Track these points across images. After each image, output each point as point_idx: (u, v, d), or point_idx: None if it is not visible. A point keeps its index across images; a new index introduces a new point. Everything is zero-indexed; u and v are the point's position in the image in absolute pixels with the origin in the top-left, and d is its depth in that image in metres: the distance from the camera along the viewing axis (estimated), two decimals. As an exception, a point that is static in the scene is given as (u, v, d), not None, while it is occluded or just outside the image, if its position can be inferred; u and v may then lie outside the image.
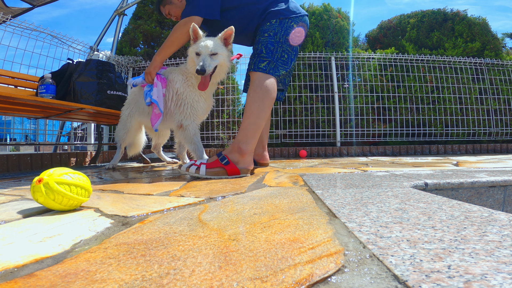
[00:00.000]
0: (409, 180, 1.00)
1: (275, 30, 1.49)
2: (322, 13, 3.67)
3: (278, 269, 0.35)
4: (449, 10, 3.96)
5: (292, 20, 1.52)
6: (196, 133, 1.63)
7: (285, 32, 1.50)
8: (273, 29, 1.50)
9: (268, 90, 1.43)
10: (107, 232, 0.53)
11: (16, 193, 1.00)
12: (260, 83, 1.44)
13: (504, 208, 1.03)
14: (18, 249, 0.44)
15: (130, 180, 1.31)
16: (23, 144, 2.59)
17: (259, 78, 1.45)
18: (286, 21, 1.51)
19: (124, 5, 3.53)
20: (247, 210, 0.66)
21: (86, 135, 3.17)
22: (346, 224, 0.52)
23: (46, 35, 2.61)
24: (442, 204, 0.64)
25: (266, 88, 1.43)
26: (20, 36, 2.45)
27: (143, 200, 0.81)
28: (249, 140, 1.38)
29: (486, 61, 3.57)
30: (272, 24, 1.51)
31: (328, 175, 1.25)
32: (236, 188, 0.98)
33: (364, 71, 3.49)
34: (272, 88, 1.45)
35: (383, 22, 4.34)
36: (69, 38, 2.83)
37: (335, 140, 3.31)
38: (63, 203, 0.67)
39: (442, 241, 0.41)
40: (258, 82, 1.44)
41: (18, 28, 2.41)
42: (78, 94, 2.13)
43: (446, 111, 3.49)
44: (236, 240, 0.46)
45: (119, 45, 3.75)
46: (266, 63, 1.46)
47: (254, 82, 1.46)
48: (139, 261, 0.39)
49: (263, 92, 1.42)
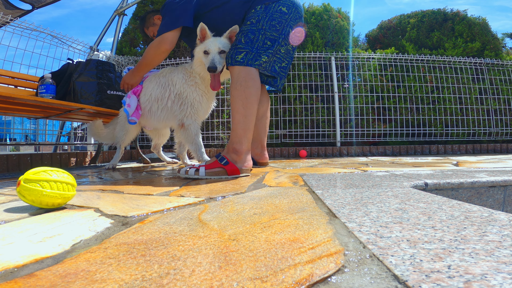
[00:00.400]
0: (409, 180, 1.00)
1: (259, 17, 1.41)
2: (322, 13, 3.67)
3: (278, 269, 0.35)
4: (449, 10, 3.97)
5: (279, 4, 1.42)
6: (198, 133, 1.63)
7: (270, 18, 1.40)
8: (256, 16, 1.41)
9: (249, 85, 1.35)
10: (107, 232, 0.53)
11: (16, 193, 1.00)
12: (239, 78, 1.36)
13: (504, 208, 1.03)
14: (18, 249, 0.44)
15: (130, 180, 1.31)
16: (23, 144, 2.59)
17: (238, 72, 1.37)
18: (272, 5, 1.42)
19: (124, 5, 3.53)
20: (247, 210, 0.66)
21: (86, 135, 3.17)
22: (346, 224, 0.52)
23: (46, 35, 2.61)
24: (442, 204, 0.64)
25: (246, 83, 1.35)
26: (20, 36, 2.45)
27: (143, 200, 0.81)
28: (241, 140, 1.36)
29: (486, 61, 3.57)
30: (256, 10, 1.43)
31: (328, 175, 1.24)
32: (236, 188, 0.98)
33: (364, 71, 3.49)
34: (253, 81, 1.37)
35: (383, 22, 4.34)
36: (69, 38, 2.83)
37: (335, 140, 3.31)
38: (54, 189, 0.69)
39: (442, 241, 0.41)
40: (237, 77, 1.37)
41: (18, 28, 2.41)
42: (78, 94, 2.13)
43: (446, 111, 3.49)
44: (236, 240, 0.46)
45: (119, 45, 3.75)
46: (243, 54, 1.37)
47: (233, 78, 1.39)
48: (139, 261, 0.39)
49: (243, 88, 1.35)
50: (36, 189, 0.66)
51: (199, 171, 1.27)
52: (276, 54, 1.44)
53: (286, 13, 1.43)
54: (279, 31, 1.42)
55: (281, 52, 1.46)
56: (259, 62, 1.38)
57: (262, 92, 1.79)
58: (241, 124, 1.37)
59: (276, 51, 1.44)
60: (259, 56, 1.38)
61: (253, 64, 1.37)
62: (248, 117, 1.37)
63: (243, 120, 1.36)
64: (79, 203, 0.78)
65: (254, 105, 1.38)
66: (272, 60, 1.44)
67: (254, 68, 1.38)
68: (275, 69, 1.46)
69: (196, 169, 1.28)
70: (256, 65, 1.38)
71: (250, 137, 1.40)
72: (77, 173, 1.67)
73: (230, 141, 1.38)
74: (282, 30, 1.43)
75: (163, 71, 1.77)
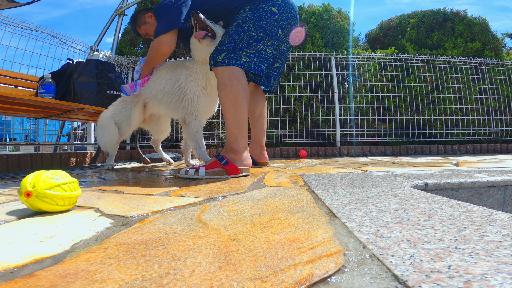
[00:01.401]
0: (409, 180, 1.00)
1: (246, 18, 1.40)
2: (322, 13, 3.67)
3: (278, 269, 0.35)
4: (449, 10, 3.97)
5: (269, 4, 1.41)
6: (198, 131, 1.61)
7: (258, 18, 1.39)
8: (244, 17, 1.41)
9: (234, 85, 1.35)
10: (107, 232, 0.53)
11: (16, 193, 1.00)
12: (224, 78, 1.36)
13: (504, 208, 1.03)
14: (18, 249, 0.44)
15: (130, 180, 1.31)
16: (23, 144, 2.59)
17: (222, 73, 1.37)
18: (262, 6, 1.40)
19: (124, 5, 3.53)
20: (247, 210, 0.66)
21: (86, 135, 3.17)
22: (346, 224, 0.52)
23: (46, 35, 2.61)
24: (442, 204, 0.64)
25: (231, 83, 1.35)
26: (20, 36, 2.45)
27: (143, 200, 0.81)
28: (237, 138, 1.36)
29: (486, 61, 3.57)
30: (245, 11, 1.42)
31: (328, 175, 1.24)
32: (236, 188, 0.98)
33: (364, 71, 3.49)
34: (238, 80, 1.36)
35: (383, 22, 4.34)
36: (69, 38, 2.84)
37: (335, 140, 3.31)
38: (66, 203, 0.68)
39: (442, 241, 0.41)
40: (221, 78, 1.37)
41: (18, 28, 2.41)
42: (78, 94, 2.13)
43: (446, 111, 3.49)
44: (236, 240, 0.46)
45: (119, 45, 3.75)
46: (224, 55, 1.36)
47: (218, 79, 1.39)
48: (139, 261, 0.39)
49: (229, 88, 1.35)
50: (51, 205, 0.66)
51: (199, 171, 1.27)
52: (261, 54, 1.42)
53: (276, 13, 1.42)
54: (267, 31, 1.41)
55: (267, 52, 1.43)
56: (241, 62, 1.37)
57: (258, 92, 1.80)
58: (234, 123, 1.36)
59: (261, 51, 1.42)
60: (239, 56, 1.37)
61: (235, 63, 1.36)
62: (239, 116, 1.36)
63: (235, 119, 1.36)
64: (79, 203, 0.78)
65: (243, 103, 1.37)
66: (257, 60, 1.41)
67: (237, 67, 1.37)
68: (262, 69, 1.43)
69: (196, 169, 1.28)
70: (238, 64, 1.36)
71: (246, 135, 1.40)
72: (77, 173, 1.67)
73: (227, 141, 1.39)
74: (270, 31, 1.42)
75: (165, 65, 1.77)
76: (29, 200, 0.64)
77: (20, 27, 2.41)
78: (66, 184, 0.68)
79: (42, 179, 0.66)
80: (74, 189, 0.70)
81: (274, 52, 1.48)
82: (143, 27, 1.91)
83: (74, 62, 2.31)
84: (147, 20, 1.86)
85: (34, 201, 0.64)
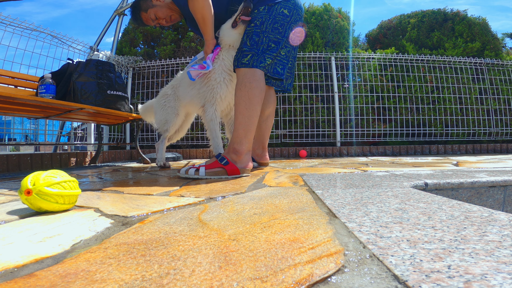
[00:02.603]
0: (409, 180, 1.00)
1: (263, 19, 1.42)
2: (323, 13, 3.67)
3: (278, 269, 0.35)
4: (449, 10, 3.97)
5: (280, 6, 1.44)
6: (213, 119, 1.58)
7: (273, 20, 1.42)
8: (260, 18, 1.42)
9: (253, 87, 1.38)
10: (107, 232, 0.53)
11: (17, 193, 1.00)
12: (244, 79, 1.39)
13: (504, 208, 1.03)
14: (18, 249, 0.44)
15: (130, 180, 1.31)
16: (23, 144, 2.59)
17: (243, 74, 1.40)
18: (275, 7, 1.43)
19: (124, 5, 3.53)
20: (247, 210, 0.66)
21: (86, 135, 3.17)
22: (346, 224, 0.52)
23: (46, 35, 2.61)
24: (442, 204, 0.64)
25: (250, 84, 1.38)
26: (20, 36, 2.45)
27: (143, 200, 0.81)
28: (242, 140, 1.36)
29: (486, 61, 3.57)
30: (260, 12, 1.44)
31: (328, 175, 1.24)
32: (236, 188, 0.98)
33: (364, 71, 3.49)
34: (257, 82, 1.39)
35: (383, 22, 4.34)
36: (69, 38, 2.83)
37: (335, 140, 3.31)
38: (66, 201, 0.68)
39: (442, 241, 0.41)
40: (242, 79, 1.40)
41: (18, 28, 2.41)
42: (78, 94, 2.13)
43: (446, 111, 3.49)
44: (236, 240, 0.46)
45: (119, 45, 3.75)
46: (249, 57, 1.40)
47: (239, 79, 1.41)
48: (139, 261, 0.39)
49: (247, 90, 1.37)
50: (51, 203, 0.66)
51: (199, 171, 1.27)
52: (277, 56, 1.47)
53: (288, 15, 1.45)
54: (282, 33, 1.45)
55: (281, 55, 1.48)
56: (264, 64, 1.41)
57: (270, 93, 1.78)
58: (242, 124, 1.38)
59: (279, 53, 1.47)
60: (263, 58, 1.41)
61: (258, 65, 1.40)
62: (250, 119, 1.38)
63: (245, 121, 1.38)
64: (79, 203, 0.78)
65: (257, 106, 1.40)
66: (275, 62, 1.47)
67: (259, 69, 1.40)
68: (278, 71, 1.48)
69: (196, 169, 1.28)
70: (261, 66, 1.41)
71: (251, 138, 1.41)
72: (77, 173, 1.67)
73: (231, 141, 1.39)
74: (284, 33, 1.46)
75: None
76: (29, 199, 0.64)
77: (20, 27, 2.41)
78: (66, 182, 0.68)
79: (42, 177, 0.66)
80: (74, 188, 0.70)
81: (287, 54, 1.52)
82: (152, 10, 1.72)
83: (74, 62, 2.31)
84: (154, 3, 1.70)
85: (34, 199, 0.64)
